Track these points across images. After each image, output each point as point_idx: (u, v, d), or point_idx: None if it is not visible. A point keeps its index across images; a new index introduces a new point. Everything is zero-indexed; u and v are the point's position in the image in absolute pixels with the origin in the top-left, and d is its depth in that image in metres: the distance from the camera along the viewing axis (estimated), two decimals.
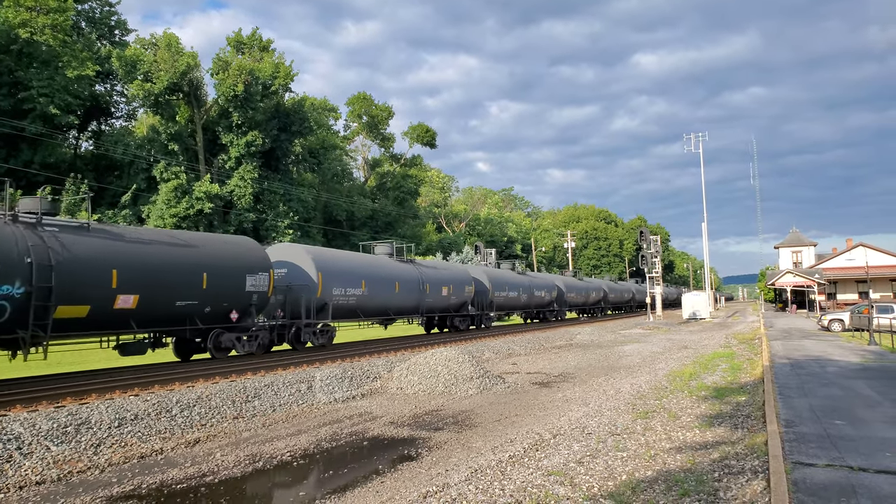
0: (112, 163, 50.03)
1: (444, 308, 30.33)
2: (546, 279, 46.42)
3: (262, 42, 55.41)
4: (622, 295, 68.66)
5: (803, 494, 6.30)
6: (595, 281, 62.84)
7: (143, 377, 14.71)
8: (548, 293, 44.66)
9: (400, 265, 26.93)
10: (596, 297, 58.15)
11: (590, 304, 57.01)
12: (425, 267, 28.95)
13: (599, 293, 59.12)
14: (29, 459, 8.90)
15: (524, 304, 40.92)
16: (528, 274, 43.49)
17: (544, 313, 46.50)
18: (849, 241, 69.69)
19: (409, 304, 26.76)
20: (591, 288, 56.87)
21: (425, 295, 27.74)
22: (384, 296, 24.81)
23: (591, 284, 58.22)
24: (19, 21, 42.54)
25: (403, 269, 26.79)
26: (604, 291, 60.91)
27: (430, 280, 28.25)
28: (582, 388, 15.54)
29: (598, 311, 61.68)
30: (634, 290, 73.54)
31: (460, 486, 7.44)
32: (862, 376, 14.79)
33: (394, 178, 74.92)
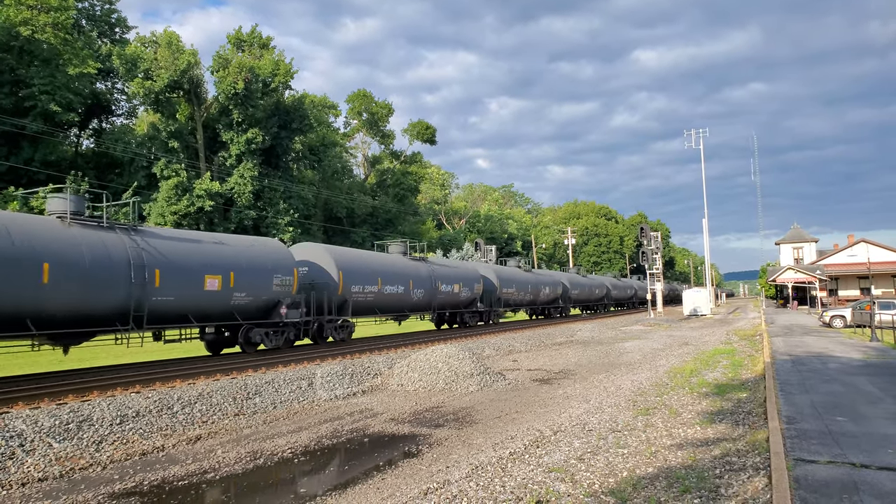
0: (113, 160, 50.04)
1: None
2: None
3: (262, 40, 55.35)
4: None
5: (805, 491, 6.29)
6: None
7: (145, 374, 14.73)
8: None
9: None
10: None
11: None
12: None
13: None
14: (31, 456, 8.91)
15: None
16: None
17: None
18: (850, 237, 69.64)
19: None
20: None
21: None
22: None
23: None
24: (20, 19, 42.50)
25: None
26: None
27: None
28: (583, 384, 15.54)
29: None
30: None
31: (461, 482, 7.44)
32: (864, 373, 14.78)
33: (394, 175, 74.88)
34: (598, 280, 60.47)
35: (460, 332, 29.18)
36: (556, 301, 46.55)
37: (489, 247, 43.81)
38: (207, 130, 53.16)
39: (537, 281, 42.21)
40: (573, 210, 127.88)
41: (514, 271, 39.64)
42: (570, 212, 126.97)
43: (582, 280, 54.19)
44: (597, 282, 58.99)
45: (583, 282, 54.03)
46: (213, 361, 17.67)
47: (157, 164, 47.39)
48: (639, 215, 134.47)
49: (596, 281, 59.17)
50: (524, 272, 41.46)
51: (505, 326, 34.45)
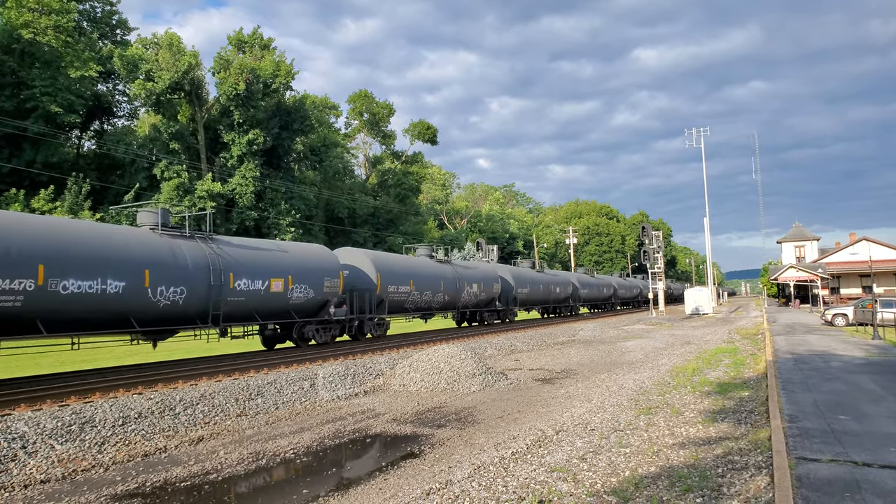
0: (114, 162, 50.08)
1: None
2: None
3: (263, 41, 55.38)
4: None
5: (807, 490, 6.29)
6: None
7: (147, 375, 14.74)
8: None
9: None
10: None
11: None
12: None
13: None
14: (34, 458, 8.93)
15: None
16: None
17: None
18: (852, 236, 69.48)
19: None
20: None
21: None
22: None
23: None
24: (22, 22, 42.56)
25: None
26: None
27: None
28: (584, 384, 15.53)
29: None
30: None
31: (463, 482, 7.44)
32: (866, 371, 14.76)
33: (395, 176, 74.88)
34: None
35: (463, 332, 29.26)
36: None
37: (490, 246, 43.78)
38: (209, 131, 53.21)
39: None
40: (574, 209, 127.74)
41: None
42: (572, 211, 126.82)
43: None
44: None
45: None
46: (214, 362, 17.69)
47: (158, 166, 47.44)
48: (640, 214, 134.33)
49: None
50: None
51: (505, 326, 34.46)
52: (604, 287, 59.40)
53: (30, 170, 41.88)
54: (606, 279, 62.56)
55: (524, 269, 41.66)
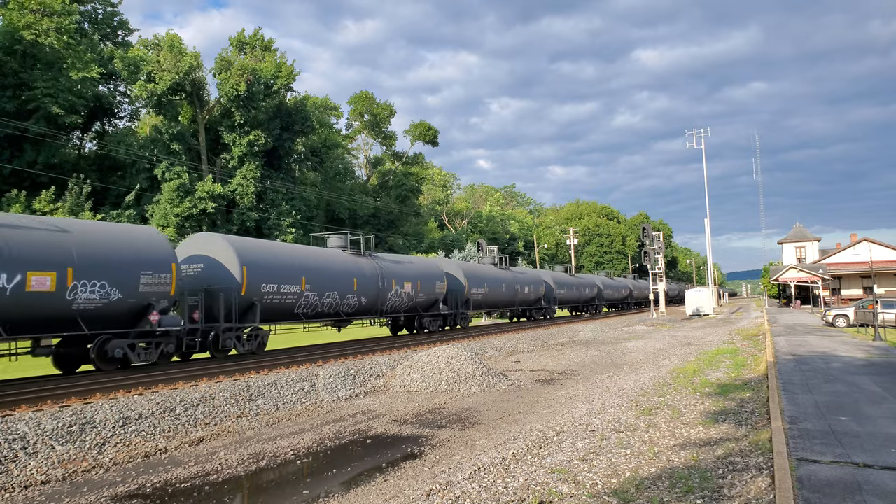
0: (115, 163, 50.11)
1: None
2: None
3: (264, 42, 55.42)
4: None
5: (808, 491, 6.28)
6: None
7: (147, 377, 14.74)
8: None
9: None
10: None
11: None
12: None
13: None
14: (34, 459, 8.93)
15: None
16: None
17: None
18: (853, 236, 69.48)
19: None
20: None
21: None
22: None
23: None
24: (24, 23, 42.62)
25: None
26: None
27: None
28: (585, 385, 15.53)
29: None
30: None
31: (464, 484, 7.43)
32: (867, 372, 14.74)
33: (395, 176, 74.90)
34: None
35: (462, 334, 29.02)
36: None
37: (491, 247, 43.79)
38: (209, 132, 53.25)
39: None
40: (575, 210, 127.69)
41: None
42: (572, 212, 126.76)
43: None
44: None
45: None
46: (213, 364, 17.68)
47: (159, 167, 47.46)
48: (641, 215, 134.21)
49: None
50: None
51: (506, 327, 34.43)
52: (585, 287, 53.44)
53: (31, 171, 41.92)
54: (589, 278, 56.59)
55: (482, 266, 36.62)
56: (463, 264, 33.61)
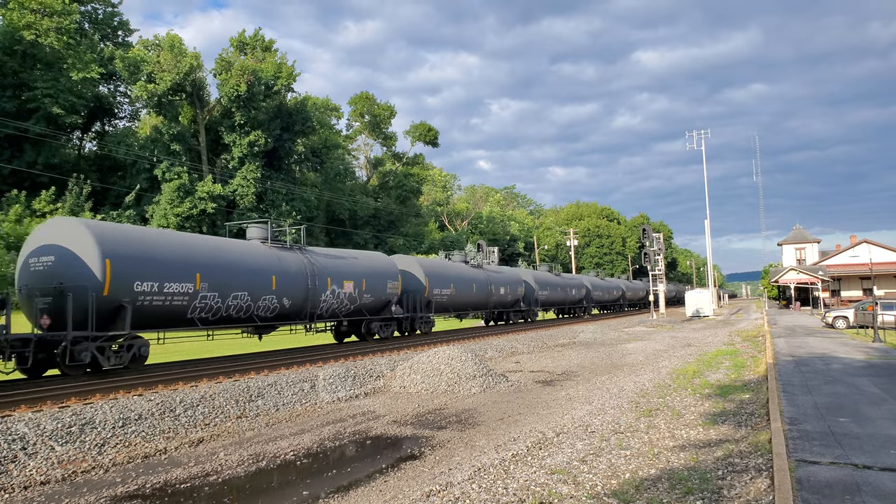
0: (115, 163, 50.15)
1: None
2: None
3: (265, 42, 55.46)
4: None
5: (807, 492, 6.28)
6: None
7: (147, 377, 14.74)
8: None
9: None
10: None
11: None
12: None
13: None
14: (34, 459, 8.93)
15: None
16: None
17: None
18: (853, 238, 69.49)
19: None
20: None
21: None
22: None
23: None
24: (24, 23, 42.64)
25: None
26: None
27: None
28: (585, 386, 15.53)
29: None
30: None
31: (463, 484, 7.44)
32: (866, 373, 14.74)
33: (396, 177, 74.93)
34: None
35: (463, 334, 29.26)
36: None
37: (491, 248, 43.77)
38: (210, 133, 53.28)
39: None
40: (575, 211, 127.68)
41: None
42: (573, 213, 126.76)
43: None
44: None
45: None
46: (214, 364, 17.69)
47: (159, 167, 47.50)
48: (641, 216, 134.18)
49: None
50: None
51: (507, 328, 34.46)
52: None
53: (31, 171, 41.93)
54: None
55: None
56: (424, 261, 31.55)
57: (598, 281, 59.43)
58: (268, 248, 20.43)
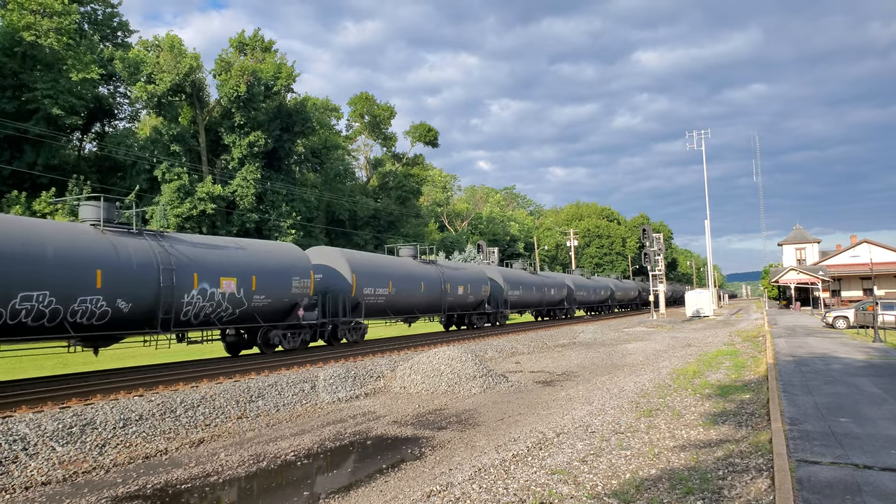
0: (115, 164, 50.14)
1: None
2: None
3: (264, 43, 55.45)
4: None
5: (808, 492, 6.29)
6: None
7: (148, 378, 14.75)
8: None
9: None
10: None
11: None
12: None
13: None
14: (35, 460, 8.94)
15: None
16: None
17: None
18: (853, 238, 69.50)
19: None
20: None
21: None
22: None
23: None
24: (24, 24, 42.64)
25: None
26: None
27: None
28: (585, 386, 15.53)
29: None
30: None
31: (464, 485, 7.44)
32: (867, 374, 14.75)
33: (396, 178, 74.91)
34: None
35: (464, 334, 29.24)
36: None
37: (491, 248, 43.82)
38: (210, 133, 53.27)
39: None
40: (575, 212, 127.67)
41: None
42: (573, 213, 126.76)
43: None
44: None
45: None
46: (215, 364, 17.69)
47: (159, 168, 47.49)
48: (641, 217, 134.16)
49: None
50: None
51: (508, 328, 34.47)
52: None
53: (31, 172, 41.92)
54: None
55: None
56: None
57: (582, 280, 54.39)
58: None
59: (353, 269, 22.95)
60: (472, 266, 36.17)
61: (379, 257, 26.76)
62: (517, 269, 42.02)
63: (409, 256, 25.53)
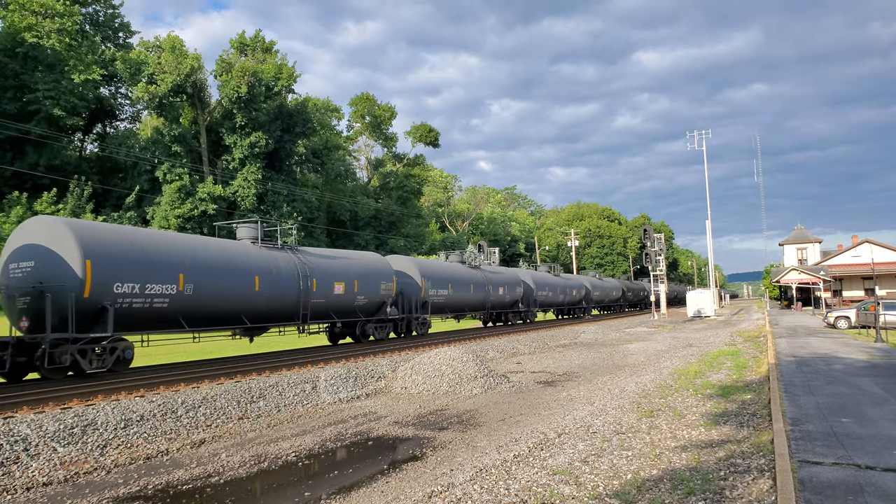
0: (116, 165, 50.21)
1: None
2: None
3: (265, 43, 55.51)
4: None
5: (810, 493, 6.28)
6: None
7: (149, 378, 14.75)
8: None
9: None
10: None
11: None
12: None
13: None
14: (36, 461, 8.94)
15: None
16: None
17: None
18: (854, 238, 69.42)
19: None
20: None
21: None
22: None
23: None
24: (25, 25, 42.70)
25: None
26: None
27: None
28: (587, 386, 15.52)
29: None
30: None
31: (465, 485, 7.44)
32: (869, 374, 14.73)
33: (397, 178, 74.94)
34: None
35: (465, 335, 29.21)
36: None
37: (492, 249, 43.77)
38: (211, 134, 53.32)
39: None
40: (576, 212, 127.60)
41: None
42: (573, 213, 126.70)
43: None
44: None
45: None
46: (215, 365, 17.70)
47: (160, 168, 47.55)
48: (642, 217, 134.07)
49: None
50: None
51: (507, 329, 34.45)
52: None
53: (32, 173, 41.97)
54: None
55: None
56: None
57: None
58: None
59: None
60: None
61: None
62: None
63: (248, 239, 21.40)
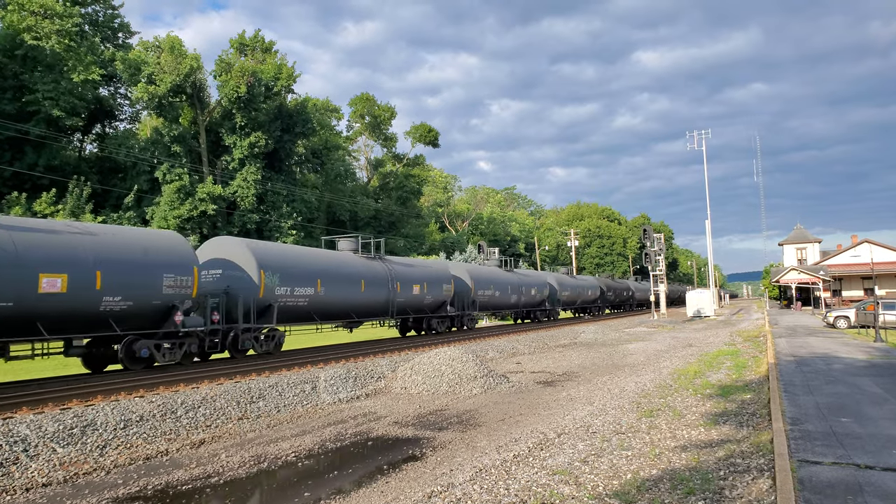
0: (116, 165, 50.15)
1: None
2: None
3: (265, 44, 55.48)
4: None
5: (809, 493, 6.28)
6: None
7: (148, 379, 14.74)
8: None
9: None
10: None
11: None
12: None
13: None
14: (35, 461, 8.94)
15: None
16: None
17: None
18: (854, 238, 69.45)
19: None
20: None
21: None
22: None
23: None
24: (25, 26, 42.66)
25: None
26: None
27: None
28: (586, 386, 15.52)
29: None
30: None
31: (465, 485, 7.43)
32: (868, 373, 14.73)
33: (396, 178, 74.91)
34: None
35: (463, 335, 28.98)
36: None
37: (492, 249, 43.74)
38: (210, 134, 53.29)
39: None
40: (576, 212, 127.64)
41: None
42: (573, 213, 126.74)
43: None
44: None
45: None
46: (215, 366, 17.68)
47: (160, 169, 47.51)
48: (642, 217, 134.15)
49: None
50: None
51: (507, 329, 34.44)
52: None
53: (31, 173, 41.93)
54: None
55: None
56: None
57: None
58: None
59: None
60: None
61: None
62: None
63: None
